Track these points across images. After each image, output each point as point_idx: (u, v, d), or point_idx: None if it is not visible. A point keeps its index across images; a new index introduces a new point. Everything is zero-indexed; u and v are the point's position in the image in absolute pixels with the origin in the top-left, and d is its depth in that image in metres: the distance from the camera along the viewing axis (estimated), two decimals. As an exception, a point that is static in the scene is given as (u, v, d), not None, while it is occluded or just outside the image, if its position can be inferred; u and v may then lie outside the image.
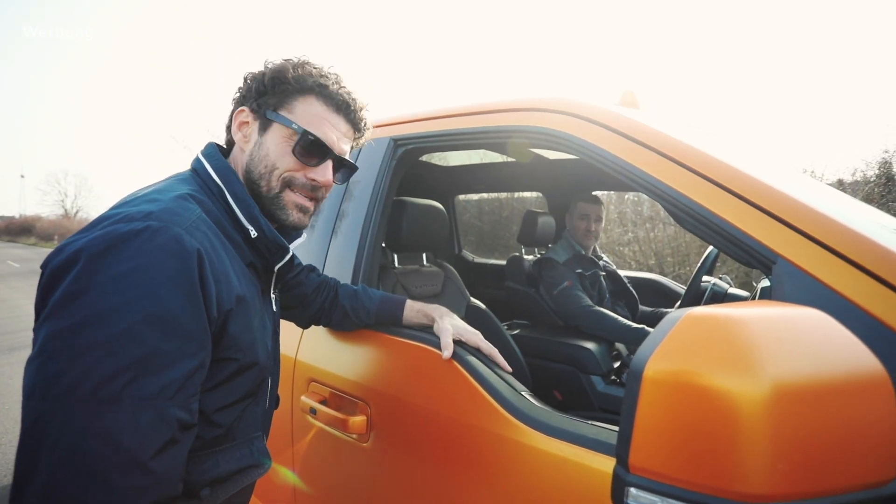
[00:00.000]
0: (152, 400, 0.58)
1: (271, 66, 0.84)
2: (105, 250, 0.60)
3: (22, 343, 5.64)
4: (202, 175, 0.81)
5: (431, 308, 1.12)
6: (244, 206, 0.80)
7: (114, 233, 0.61)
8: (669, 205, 0.83)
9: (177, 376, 0.61)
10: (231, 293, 0.72)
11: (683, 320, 0.47)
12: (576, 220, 2.36)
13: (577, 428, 0.78)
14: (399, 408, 1.02)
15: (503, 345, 1.69)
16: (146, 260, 0.60)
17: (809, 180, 1.24)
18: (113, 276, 0.59)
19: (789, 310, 0.50)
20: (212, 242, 0.71)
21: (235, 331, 0.72)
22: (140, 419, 0.57)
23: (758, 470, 0.41)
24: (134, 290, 0.59)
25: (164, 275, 0.61)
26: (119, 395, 0.56)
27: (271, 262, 0.85)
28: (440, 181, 3.05)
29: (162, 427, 0.59)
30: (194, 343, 0.64)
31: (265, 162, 0.82)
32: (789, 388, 0.42)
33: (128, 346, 0.57)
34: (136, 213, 0.64)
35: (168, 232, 0.63)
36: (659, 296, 2.63)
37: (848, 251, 0.65)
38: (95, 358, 0.56)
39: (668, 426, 0.45)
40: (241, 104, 0.85)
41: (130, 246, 0.60)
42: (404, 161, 1.34)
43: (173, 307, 0.61)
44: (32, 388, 0.56)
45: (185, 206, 0.70)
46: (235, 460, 0.77)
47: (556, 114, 1.03)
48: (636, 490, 0.46)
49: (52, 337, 0.57)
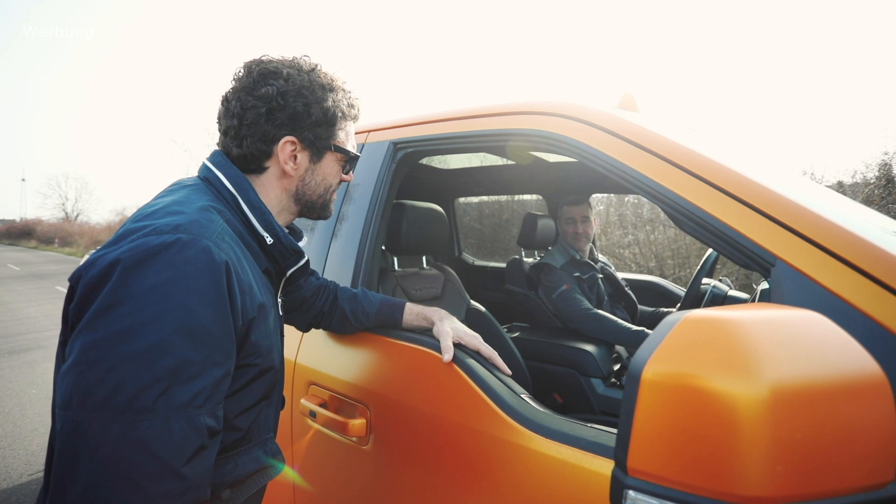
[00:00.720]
0: (184, 409, 0.61)
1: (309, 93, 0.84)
2: (137, 263, 0.61)
3: (22, 346, 5.63)
4: (215, 184, 0.82)
5: (431, 311, 1.12)
6: (259, 214, 0.81)
7: (145, 245, 0.62)
8: (668, 208, 0.84)
9: (206, 385, 0.63)
10: (254, 302, 0.73)
11: (681, 323, 0.48)
12: (563, 225, 2.37)
13: (576, 431, 0.78)
14: (399, 411, 1.02)
15: (503, 347, 1.69)
16: (177, 272, 0.62)
17: (808, 183, 1.24)
18: (146, 288, 0.60)
19: (787, 312, 0.50)
20: (236, 253, 0.72)
21: (257, 338, 0.74)
22: (173, 428, 0.59)
23: (756, 472, 0.41)
24: (166, 302, 0.61)
25: (194, 287, 0.63)
26: (153, 405, 0.58)
27: (284, 267, 0.88)
28: (440, 184, 3.05)
29: (193, 435, 0.61)
30: (222, 353, 0.66)
31: (323, 185, 0.90)
32: (787, 391, 0.43)
33: (161, 357, 0.59)
34: (164, 226, 0.65)
35: (197, 244, 0.65)
36: (659, 298, 2.63)
37: (846, 254, 0.65)
38: (131, 369, 0.58)
39: (666, 429, 0.45)
40: (289, 133, 0.84)
41: (162, 258, 0.62)
42: (404, 164, 1.35)
43: (203, 318, 0.63)
44: (70, 398, 0.58)
45: (209, 218, 0.71)
46: (253, 462, 0.79)
47: (555, 117, 1.04)
48: (634, 493, 0.46)
49: (89, 348, 0.59)
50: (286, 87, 0.82)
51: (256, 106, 0.82)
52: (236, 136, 0.83)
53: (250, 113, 0.82)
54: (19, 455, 2.98)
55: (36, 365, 4.85)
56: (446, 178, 3.00)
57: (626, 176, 0.89)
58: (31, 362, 4.94)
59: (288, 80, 0.83)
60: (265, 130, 0.83)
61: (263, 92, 0.81)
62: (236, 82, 0.84)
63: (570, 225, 2.34)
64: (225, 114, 0.85)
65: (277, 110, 0.82)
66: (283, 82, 0.82)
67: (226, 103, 0.85)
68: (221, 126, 0.86)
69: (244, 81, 0.83)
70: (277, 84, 0.82)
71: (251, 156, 0.84)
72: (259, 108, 0.81)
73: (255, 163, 0.85)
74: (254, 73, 0.83)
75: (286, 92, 0.82)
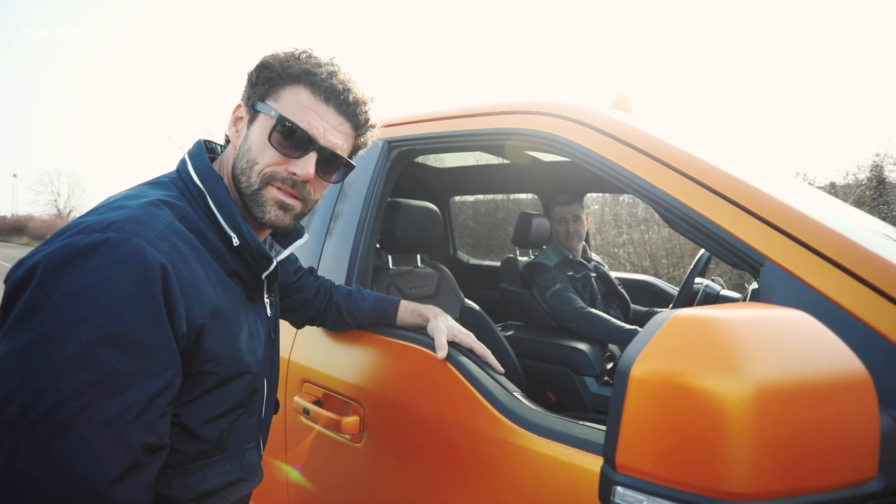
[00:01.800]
0: (110, 424, 0.55)
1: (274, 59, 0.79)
2: (61, 265, 0.56)
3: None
4: (184, 178, 0.76)
5: (425, 308, 1.13)
6: (225, 212, 0.75)
7: (71, 246, 0.57)
8: (660, 207, 0.84)
9: (139, 398, 0.57)
10: (203, 306, 0.67)
11: (670, 322, 0.48)
12: (555, 224, 2.38)
13: (567, 428, 0.79)
14: (392, 408, 1.03)
15: (497, 346, 1.70)
16: (104, 275, 0.57)
17: (799, 184, 1.25)
18: (68, 292, 0.55)
19: (774, 312, 0.51)
20: (181, 254, 0.66)
21: (212, 345, 0.68)
22: (95, 445, 0.54)
23: (742, 469, 0.42)
24: (89, 307, 0.55)
25: (122, 291, 0.57)
26: (72, 420, 0.53)
27: (257, 271, 0.81)
28: (435, 182, 3.06)
29: (120, 452, 0.56)
30: (159, 362, 0.60)
31: (247, 156, 0.77)
32: (773, 389, 0.43)
33: (82, 368, 0.54)
34: (96, 224, 0.60)
35: (128, 245, 0.59)
36: (652, 297, 2.65)
37: (834, 254, 0.66)
38: (47, 381, 0.53)
39: (654, 426, 0.46)
40: (240, 101, 0.82)
41: (88, 260, 0.57)
42: (398, 163, 1.35)
43: (133, 325, 0.57)
44: None
45: (152, 214, 0.65)
46: (224, 473, 0.73)
47: (549, 117, 1.04)
48: (623, 489, 0.47)
49: (5, 358, 0.54)
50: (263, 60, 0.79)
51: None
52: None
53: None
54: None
55: (27, 362, 4.80)
56: (442, 177, 3.00)
57: (618, 176, 0.90)
58: (22, 360, 4.89)
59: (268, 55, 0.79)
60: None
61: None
62: None
63: (561, 225, 2.35)
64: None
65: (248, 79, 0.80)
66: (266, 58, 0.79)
67: None
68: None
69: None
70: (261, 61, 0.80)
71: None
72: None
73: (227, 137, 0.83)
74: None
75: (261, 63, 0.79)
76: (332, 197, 1.38)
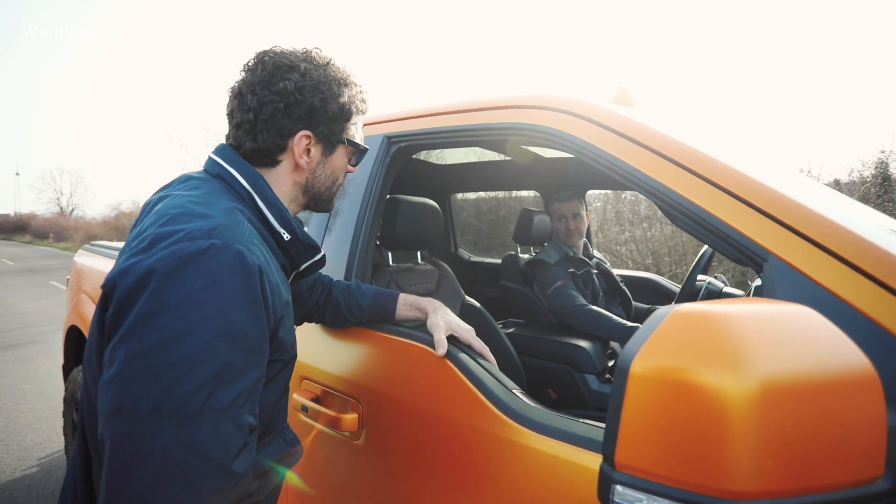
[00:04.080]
0: (229, 409, 0.63)
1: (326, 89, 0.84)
2: (174, 271, 0.62)
3: (16, 342, 5.61)
4: (229, 181, 0.81)
5: (425, 301, 1.12)
6: (276, 211, 0.82)
7: (179, 252, 0.63)
8: (662, 202, 0.83)
9: (247, 386, 0.65)
10: (282, 301, 0.75)
11: (671, 317, 0.47)
12: (555, 222, 2.36)
13: (567, 426, 0.78)
14: (391, 405, 1.02)
15: (498, 343, 1.69)
16: (214, 279, 0.63)
17: (803, 178, 1.24)
18: (184, 296, 0.61)
19: (777, 306, 0.50)
20: (264, 255, 0.73)
21: (283, 334, 0.76)
22: (221, 428, 0.62)
23: (744, 467, 0.41)
24: (205, 308, 0.62)
25: (231, 292, 0.64)
26: (201, 408, 0.60)
27: (299, 261, 0.89)
28: (437, 179, 3.05)
29: (238, 433, 0.64)
30: (259, 354, 0.68)
31: (332, 178, 0.91)
32: (777, 385, 0.42)
33: (205, 362, 0.61)
34: (196, 231, 0.65)
35: (231, 250, 0.66)
36: (654, 295, 2.64)
37: (839, 248, 0.65)
38: (177, 376, 0.59)
39: (654, 423, 0.45)
40: (304, 127, 0.84)
41: (197, 265, 0.63)
42: (398, 158, 1.34)
43: (241, 322, 0.65)
44: (119, 407, 0.59)
45: (236, 221, 0.72)
46: (275, 451, 0.81)
47: (549, 111, 1.03)
48: (622, 487, 0.46)
49: (134, 357, 0.60)
50: (303, 81, 0.82)
51: (274, 101, 0.81)
52: (251, 129, 0.82)
53: (267, 108, 0.81)
54: (12, 451, 2.96)
55: (30, 360, 4.83)
56: (443, 174, 2.99)
57: (620, 171, 0.89)
58: (25, 358, 4.92)
59: (305, 75, 0.82)
60: (282, 125, 0.82)
61: (281, 87, 0.80)
62: (249, 74, 0.83)
63: (561, 222, 2.34)
64: (239, 107, 0.83)
65: (295, 105, 0.82)
66: (300, 77, 0.82)
67: (239, 97, 0.83)
68: (234, 119, 0.84)
69: (258, 75, 0.82)
70: (294, 78, 0.81)
71: (265, 150, 0.84)
72: (277, 103, 0.81)
73: (269, 157, 0.85)
74: (268, 67, 0.81)
75: (303, 87, 0.82)
76: (331, 193, 1.37)
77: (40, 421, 3.39)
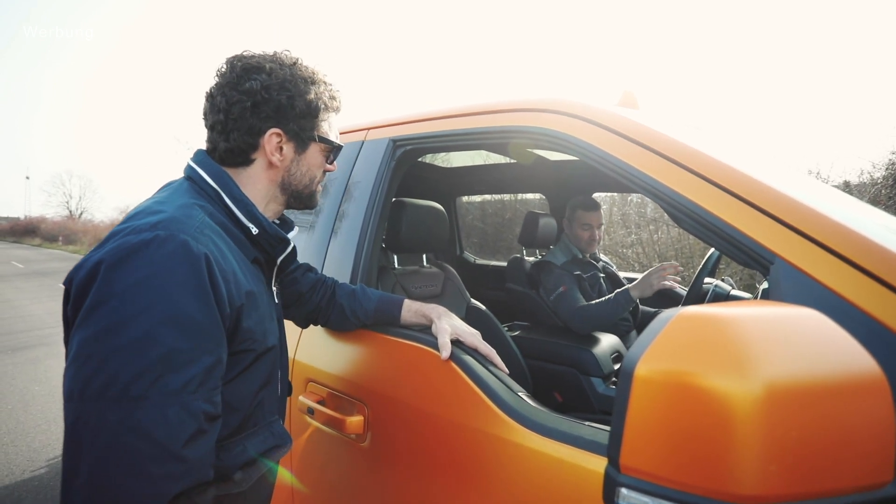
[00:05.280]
0: (177, 395, 0.64)
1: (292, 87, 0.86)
2: (119, 262, 0.65)
3: (25, 343, 5.66)
4: (198, 182, 0.85)
5: (429, 308, 1.12)
6: (242, 206, 0.84)
7: (125, 244, 0.66)
8: (668, 205, 0.83)
9: (197, 372, 0.66)
10: (240, 290, 0.76)
11: (675, 319, 0.47)
12: (577, 229, 2.32)
13: (572, 429, 0.78)
14: (396, 408, 1.02)
15: (503, 346, 1.69)
16: (157, 267, 0.66)
17: (810, 181, 1.23)
18: (129, 284, 0.64)
19: (784, 309, 0.49)
20: (217, 245, 0.75)
21: (249, 324, 0.78)
22: (168, 413, 0.63)
23: (749, 471, 0.41)
24: (149, 295, 0.64)
25: (175, 279, 0.66)
26: (146, 392, 0.62)
27: (274, 255, 0.91)
28: (442, 182, 3.05)
29: (188, 419, 0.65)
30: (210, 340, 0.69)
31: (308, 175, 0.93)
32: (783, 389, 0.42)
33: (149, 347, 0.63)
34: (143, 225, 0.69)
35: (175, 240, 0.68)
36: (661, 297, 2.62)
37: (846, 251, 0.64)
38: (122, 360, 0.62)
39: (659, 426, 0.45)
40: (274, 125, 0.86)
41: (142, 255, 0.65)
42: (403, 162, 1.34)
43: (187, 309, 0.66)
44: (71, 392, 0.62)
45: (188, 214, 0.74)
46: (260, 443, 0.83)
47: (555, 114, 1.03)
48: (627, 490, 0.46)
49: (84, 344, 0.63)
50: (269, 80, 0.85)
51: (242, 100, 0.84)
52: (223, 130, 0.86)
53: (236, 107, 0.84)
54: (21, 451, 2.99)
55: (39, 362, 4.87)
56: (448, 177, 3.00)
57: (625, 174, 0.89)
58: (34, 359, 4.97)
59: (271, 75, 0.85)
60: (251, 124, 0.85)
61: (248, 87, 0.84)
62: (220, 78, 0.87)
63: (585, 231, 2.30)
64: (211, 109, 0.87)
65: (262, 104, 0.85)
66: (266, 76, 0.85)
67: (211, 99, 0.87)
68: (208, 121, 0.88)
69: (227, 77, 0.85)
70: (261, 78, 0.84)
71: (238, 149, 0.87)
72: (244, 102, 0.84)
73: (243, 156, 0.88)
74: (237, 69, 0.85)
75: (270, 86, 0.85)
76: (336, 196, 1.38)
77: (49, 422, 3.42)
